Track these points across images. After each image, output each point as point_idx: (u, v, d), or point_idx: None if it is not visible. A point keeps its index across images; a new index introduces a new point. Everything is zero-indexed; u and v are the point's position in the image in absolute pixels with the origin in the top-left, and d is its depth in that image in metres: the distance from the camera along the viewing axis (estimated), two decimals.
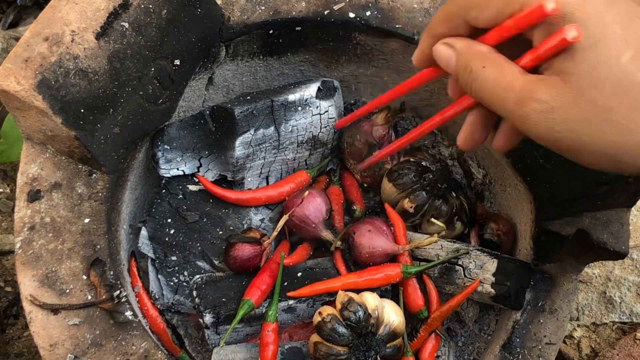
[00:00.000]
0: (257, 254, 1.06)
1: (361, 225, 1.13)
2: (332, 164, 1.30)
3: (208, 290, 1.05)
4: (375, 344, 0.96)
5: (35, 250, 0.94)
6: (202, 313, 1.03)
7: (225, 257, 1.07)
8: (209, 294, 1.05)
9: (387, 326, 0.98)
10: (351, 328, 0.95)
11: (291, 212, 1.12)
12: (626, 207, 1.01)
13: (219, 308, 1.03)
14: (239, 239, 1.06)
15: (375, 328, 0.97)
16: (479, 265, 1.09)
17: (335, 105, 1.21)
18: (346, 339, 0.95)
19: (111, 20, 0.95)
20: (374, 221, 1.13)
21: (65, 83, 0.91)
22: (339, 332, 0.95)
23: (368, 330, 0.96)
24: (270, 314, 1.02)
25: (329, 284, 1.06)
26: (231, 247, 1.06)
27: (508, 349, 1.05)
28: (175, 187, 1.17)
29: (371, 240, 1.10)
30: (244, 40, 1.17)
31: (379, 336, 0.97)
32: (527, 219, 1.11)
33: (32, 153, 0.99)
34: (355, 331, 0.95)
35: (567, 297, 1.07)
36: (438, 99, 1.27)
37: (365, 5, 1.16)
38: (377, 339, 0.96)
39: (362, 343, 0.95)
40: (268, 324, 1.01)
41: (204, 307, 1.03)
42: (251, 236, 1.08)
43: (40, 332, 0.91)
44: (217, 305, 1.04)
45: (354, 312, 0.95)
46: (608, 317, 1.38)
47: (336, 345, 0.95)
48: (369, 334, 0.96)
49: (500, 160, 1.14)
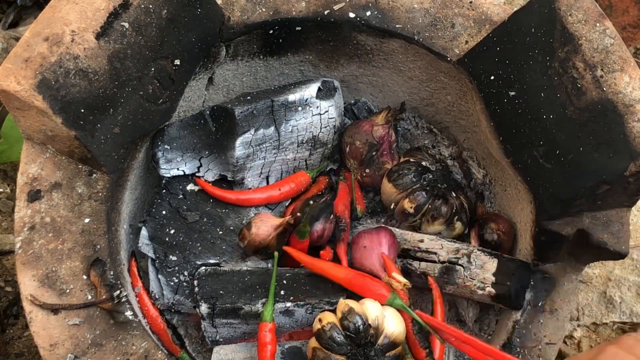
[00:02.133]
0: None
1: (362, 236, 1.13)
2: (332, 164, 1.30)
3: (209, 281, 1.06)
4: (373, 354, 0.96)
5: (36, 250, 0.94)
6: (199, 302, 1.04)
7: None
8: (208, 284, 1.05)
9: (386, 336, 0.98)
10: (350, 338, 0.95)
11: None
12: (626, 207, 1.01)
13: (215, 299, 1.04)
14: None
15: (375, 338, 0.96)
16: (479, 265, 1.09)
17: (335, 105, 1.21)
18: (344, 348, 0.95)
19: (111, 20, 0.95)
20: (375, 236, 1.12)
21: (66, 83, 0.91)
22: (337, 342, 0.95)
23: (367, 341, 0.96)
24: (267, 314, 1.02)
25: (325, 266, 1.08)
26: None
27: (508, 349, 1.05)
28: (176, 187, 1.17)
29: (362, 259, 1.11)
30: (244, 40, 1.17)
31: (377, 346, 0.97)
32: (527, 219, 1.11)
33: (32, 153, 0.99)
34: (354, 341, 0.95)
35: (567, 297, 1.07)
36: (438, 99, 1.27)
37: (365, 5, 1.16)
38: (375, 349, 0.96)
39: (361, 353, 0.95)
40: (265, 324, 1.01)
41: (201, 297, 1.04)
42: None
43: (40, 332, 0.91)
44: (214, 296, 1.04)
45: (353, 322, 0.95)
46: (608, 317, 1.38)
47: (334, 353, 0.95)
48: (367, 344, 0.96)
49: (500, 160, 1.14)
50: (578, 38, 0.98)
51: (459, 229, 1.19)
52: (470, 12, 1.15)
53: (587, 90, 0.96)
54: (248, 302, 1.04)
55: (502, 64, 1.06)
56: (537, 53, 1.01)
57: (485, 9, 1.14)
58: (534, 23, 1.02)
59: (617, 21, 1.72)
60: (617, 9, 1.73)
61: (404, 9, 1.16)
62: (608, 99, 0.94)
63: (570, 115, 0.97)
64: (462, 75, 1.15)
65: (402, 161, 1.23)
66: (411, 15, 1.15)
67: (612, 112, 0.93)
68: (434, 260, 1.13)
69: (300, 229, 1.12)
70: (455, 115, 1.27)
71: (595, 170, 0.93)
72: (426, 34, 1.14)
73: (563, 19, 0.99)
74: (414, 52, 1.18)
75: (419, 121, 1.35)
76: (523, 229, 1.14)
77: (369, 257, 1.11)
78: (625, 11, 1.73)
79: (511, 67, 1.04)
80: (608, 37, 0.97)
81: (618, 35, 0.98)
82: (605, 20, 0.99)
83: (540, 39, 1.01)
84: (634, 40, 1.74)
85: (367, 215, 1.27)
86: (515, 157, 1.07)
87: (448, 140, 1.34)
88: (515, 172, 1.08)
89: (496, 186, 1.26)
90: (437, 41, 1.14)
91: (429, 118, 1.34)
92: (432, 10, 1.15)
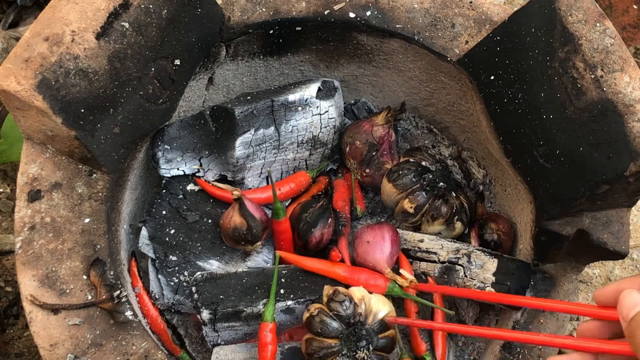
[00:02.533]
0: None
1: (365, 231, 1.13)
2: (332, 164, 1.30)
3: (207, 286, 1.05)
4: (365, 334, 0.96)
5: (36, 250, 0.94)
6: (200, 309, 1.03)
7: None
8: (207, 290, 1.05)
9: (376, 315, 0.98)
10: (339, 318, 0.96)
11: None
12: (626, 207, 1.01)
13: (216, 305, 1.04)
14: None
15: (364, 318, 0.97)
16: (479, 265, 1.09)
17: (335, 105, 1.21)
18: (336, 330, 0.95)
19: (111, 20, 0.95)
20: (378, 231, 1.12)
21: (66, 83, 0.91)
22: (327, 324, 0.95)
23: (356, 320, 0.96)
24: (268, 314, 1.02)
25: (326, 266, 1.09)
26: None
27: (508, 349, 1.05)
28: (176, 187, 1.17)
29: (365, 253, 1.11)
30: (244, 40, 1.17)
31: (368, 325, 0.97)
32: (527, 219, 1.11)
33: (32, 153, 0.99)
34: (343, 321, 0.96)
35: (567, 297, 1.07)
36: (438, 99, 1.27)
37: (365, 5, 1.16)
38: (367, 329, 0.97)
39: (352, 333, 0.96)
40: (266, 324, 1.01)
41: (202, 304, 1.04)
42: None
43: (40, 332, 0.91)
44: (215, 302, 1.04)
45: (340, 301, 0.96)
46: None
47: (327, 338, 0.95)
48: (358, 324, 0.96)
49: (500, 160, 1.14)
50: (578, 38, 0.98)
51: (458, 229, 1.19)
52: (470, 12, 1.15)
53: (587, 90, 0.96)
54: (249, 304, 1.04)
55: (502, 64, 1.06)
56: (537, 53, 1.01)
57: (485, 9, 1.14)
58: (534, 23, 1.02)
59: (617, 21, 1.72)
60: (617, 9, 1.73)
61: (404, 9, 1.16)
62: (608, 99, 0.94)
63: (570, 115, 0.97)
64: (462, 75, 1.15)
65: (402, 161, 1.23)
66: (411, 15, 1.15)
67: (612, 112, 0.93)
68: (434, 260, 1.13)
69: (274, 210, 1.13)
70: (455, 115, 1.27)
71: (595, 170, 0.93)
72: (426, 34, 1.14)
73: (563, 19, 0.99)
74: (414, 52, 1.18)
75: (418, 121, 1.35)
76: (523, 229, 1.14)
77: (372, 252, 1.10)
78: (625, 11, 1.73)
79: (511, 67, 1.04)
80: (608, 37, 0.97)
81: (618, 35, 0.98)
82: (605, 20, 0.99)
83: (540, 39, 1.01)
84: (634, 40, 1.74)
85: (367, 215, 1.27)
86: (515, 157, 1.07)
87: (448, 140, 1.34)
88: (515, 172, 1.08)
89: (496, 186, 1.26)
90: (437, 41, 1.14)
91: (429, 118, 1.34)
92: (432, 10, 1.15)
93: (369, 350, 0.96)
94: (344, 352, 0.96)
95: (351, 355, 0.95)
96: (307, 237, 1.14)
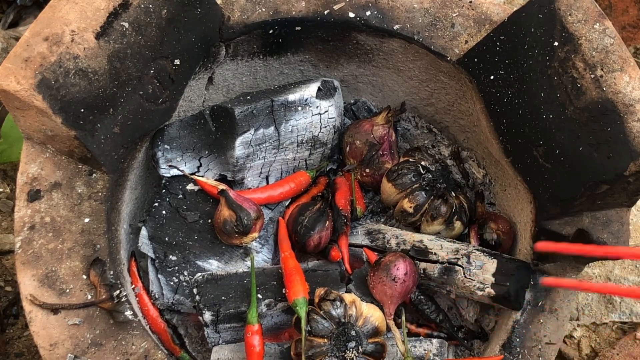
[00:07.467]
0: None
1: (395, 266, 1.08)
2: (332, 164, 1.30)
3: (209, 288, 1.05)
4: (355, 335, 0.96)
5: (35, 250, 0.94)
6: (202, 311, 1.03)
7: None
8: (209, 292, 1.05)
9: (367, 319, 0.98)
10: (330, 317, 0.96)
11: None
12: (626, 206, 1.01)
13: (218, 306, 1.03)
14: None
15: (355, 320, 0.97)
16: (479, 265, 1.09)
17: (335, 105, 1.21)
18: (326, 329, 0.95)
19: (111, 20, 0.95)
20: (393, 272, 1.08)
21: (65, 83, 0.91)
22: (317, 322, 0.96)
23: (347, 321, 0.96)
24: (251, 317, 1.01)
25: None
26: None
27: (508, 348, 1.05)
28: (175, 187, 1.17)
29: (376, 291, 1.10)
30: (244, 40, 1.17)
31: (358, 328, 0.97)
32: (527, 219, 1.11)
33: (32, 153, 0.99)
34: (334, 320, 0.96)
35: (567, 297, 1.07)
36: (438, 99, 1.27)
37: (365, 5, 1.16)
38: (357, 330, 0.97)
39: (342, 332, 0.96)
40: (250, 326, 1.00)
41: (204, 305, 1.04)
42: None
43: (40, 332, 0.91)
44: (217, 303, 1.04)
45: (331, 300, 0.96)
46: (608, 317, 1.38)
47: (316, 337, 0.95)
48: (348, 324, 0.96)
49: (500, 160, 1.14)
50: (578, 38, 0.98)
51: (458, 228, 1.19)
52: (470, 12, 1.15)
53: (587, 90, 0.96)
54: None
55: (502, 63, 1.06)
56: (537, 53, 1.01)
57: (485, 8, 1.14)
58: (534, 23, 1.02)
59: (617, 21, 1.72)
60: (617, 9, 1.73)
61: (403, 9, 1.16)
62: (608, 99, 0.94)
63: (570, 115, 0.97)
64: (462, 75, 1.15)
65: (402, 161, 1.23)
66: (411, 15, 1.15)
67: (611, 112, 0.93)
68: (434, 260, 1.13)
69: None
70: (455, 115, 1.27)
71: (595, 170, 0.93)
72: (426, 34, 1.14)
73: (563, 18, 0.99)
74: (414, 52, 1.18)
75: (418, 121, 1.35)
76: (523, 229, 1.14)
77: (382, 289, 1.08)
78: (625, 11, 1.73)
79: (511, 67, 1.04)
80: (608, 37, 0.97)
81: (618, 35, 0.98)
82: (605, 20, 0.99)
83: (540, 38, 1.01)
84: (633, 40, 1.74)
85: (367, 215, 1.27)
86: (515, 156, 1.07)
87: (448, 140, 1.34)
88: (515, 171, 1.08)
89: (496, 186, 1.26)
90: (436, 41, 1.14)
91: (428, 118, 1.34)
92: (432, 10, 1.15)
93: (357, 352, 0.96)
94: (332, 352, 0.96)
95: (340, 356, 0.95)
96: (305, 240, 1.14)
